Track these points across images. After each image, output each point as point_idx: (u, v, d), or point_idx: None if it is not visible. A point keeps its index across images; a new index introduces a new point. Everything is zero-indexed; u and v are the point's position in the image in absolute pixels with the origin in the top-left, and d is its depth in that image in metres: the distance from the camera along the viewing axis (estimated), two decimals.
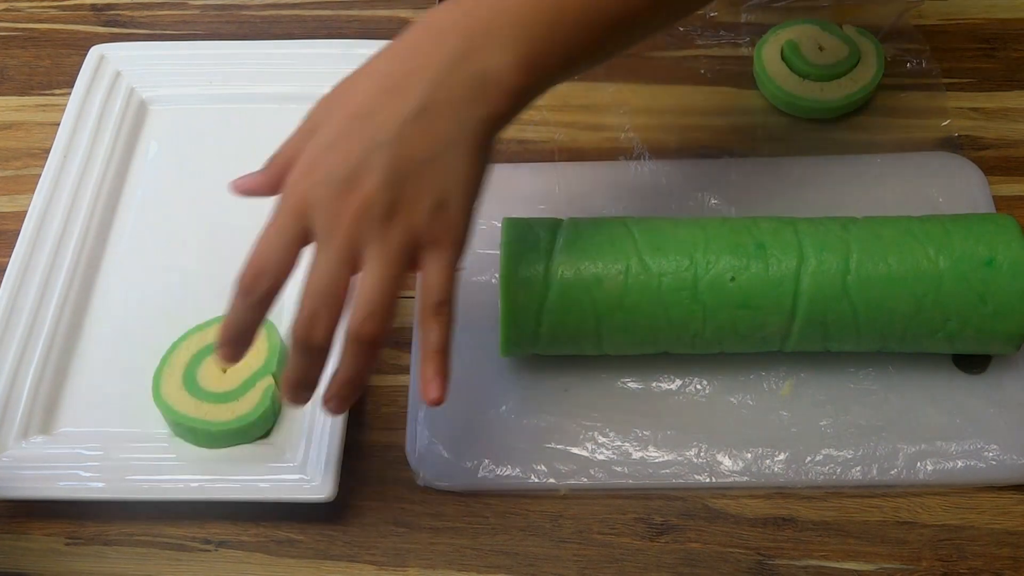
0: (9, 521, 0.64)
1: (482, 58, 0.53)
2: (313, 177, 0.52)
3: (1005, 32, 0.82)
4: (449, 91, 0.52)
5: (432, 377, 0.54)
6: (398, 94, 0.52)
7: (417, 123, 0.52)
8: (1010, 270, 0.60)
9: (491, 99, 0.53)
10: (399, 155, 0.52)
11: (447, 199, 0.53)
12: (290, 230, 0.53)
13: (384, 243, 0.52)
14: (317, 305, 0.52)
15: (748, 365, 0.66)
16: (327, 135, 0.53)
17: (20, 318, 0.69)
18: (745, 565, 0.61)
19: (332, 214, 0.52)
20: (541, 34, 0.54)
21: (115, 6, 0.89)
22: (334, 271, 0.52)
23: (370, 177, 0.51)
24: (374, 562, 0.62)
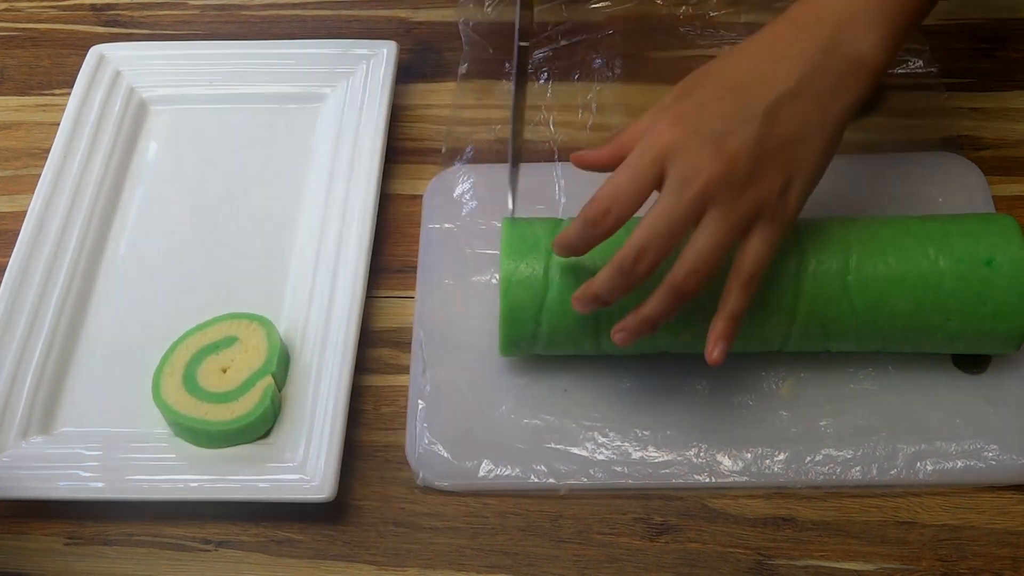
0: (9, 521, 0.64)
1: (849, 45, 0.56)
2: (682, 128, 0.55)
3: (1005, 32, 0.82)
4: (820, 79, 0.55)
5: (718, 339, 0.57)
6: (772, 75, 0.56)
7: (787, 104, 0.55)
8: (1010, 270, 0.60)
9: (856, 85, 0.56)
10: (767, 130, 0.55)
11: (794, 182, 0.56)
12: (647, 173, 0.55)
13: (732, 208, 0.54)
14: (650, 240, 0.55)
15: (748, 365, 0.66)
16: (698, 97, 0.56)
17: (20, 318, 0.69)
18: (745, 565, 0.61)
19: (693, 166, 0.54)
20: (900, 9, 0.56)
21: (115, 6, 0.89)
22: (677, 217, 0.54)
23: (737, 142, 0.54)
24: (374, 562, 0.62)
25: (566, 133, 0.78)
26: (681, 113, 0.56)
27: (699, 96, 0.57)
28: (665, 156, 0.55)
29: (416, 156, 0.78)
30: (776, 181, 0.55)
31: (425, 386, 0.66)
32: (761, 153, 0.55)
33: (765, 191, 0.55)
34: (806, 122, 0.56)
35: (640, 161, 0.55)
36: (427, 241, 0.73)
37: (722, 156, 0.54)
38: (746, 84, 0.56)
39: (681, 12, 0.84)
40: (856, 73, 0.56)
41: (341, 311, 0.68)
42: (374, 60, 0.80)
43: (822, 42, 0.56)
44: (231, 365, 0.65)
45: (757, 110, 0.55)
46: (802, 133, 0.56)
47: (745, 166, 0.54)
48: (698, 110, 0.56)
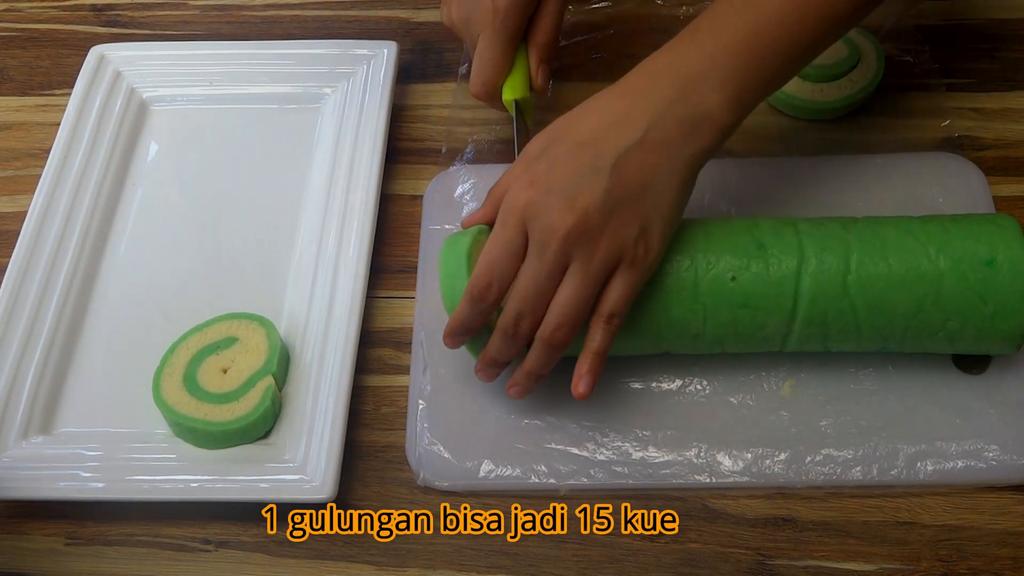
0: (9, 521, 0.64)
1: (695, 100, 0.58)
2: (535, 190, 0.58)
3: (1005, 32, 0.82)
4: (665, 130, 0.58)
5: (584, 374, 0.59)
6: (619, 128, 0.58)
7: (635, 154, 0.58)
8: (1010, 270, 0.60)
9: (702, 137, 0.59)
10: (616, 181, 0.57)
11: (650, 227, 0.58)
12: (513, 240, 0.58)
13: (590, 260, 0.57)
14: (524, 308, 0.58)
15: (748, 365, 0.66)
16: (551, 157, 0.59)
17: (20, 318, 0.69)
18: (745, 565, 0.61)
19: (548, 226, 0.57)
20: (746, 73, 0.59)
21: (115, 6, 0.89)
22: (542, 279, 0.58)
23: (587, 197, 0.57)
24: (374, 562, 0.62)
25: None
26: (534, 176, 0.58)
27: (552, 155, 0.59)
28: (524, 219, 0.58)
29: (416, 156, 0.78)
30: (631, 229, 0.58)
31: (425, 386, 0.66)
32: (612, 205, 0.57)
33: (621, 240, 0.57)
34: (655, 170, 0.58)
35: (504, 230, 0.58)
36: (427, 241, 0.73)
37: (574, 212, 0.57)
38: (595, 139, 0.58)
39: (681, 12, 0.84)
40: (701, 126, 0.59)
41: (341, 311, 0.68)
42: (374, 60, 0.80)
43: (671, 95, 0.58)
44: (231, 365, 0.65)
45: (605, 163, 0.57)
46: (652, 181, 0.58)
47: (597, 219, 0.57)
48: (549, 170, 0.58)
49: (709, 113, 0.59)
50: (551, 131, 0.60)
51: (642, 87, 0.59)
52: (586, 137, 0.59)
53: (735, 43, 0.59)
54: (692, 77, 0.59)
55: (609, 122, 0.59)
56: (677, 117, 0.58)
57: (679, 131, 0.58)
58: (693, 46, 0.60)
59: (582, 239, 0.57)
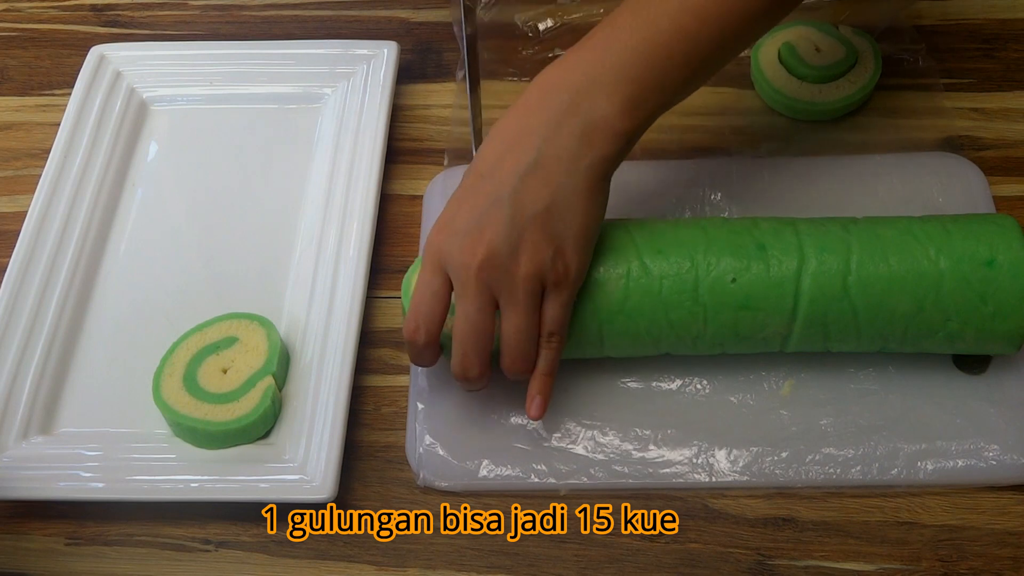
0: (9, 521, 0.64)
1: (587, 109, 0.58)
2: (444, 232, 0.59)
3: (1005, 32, 0.82)
4: (559, 145, 0.58)
5: (535, 395, 0.61)
6: (515, 152, 0.58)
7: (532, 177, 0.58)
8: (1010, 270, 0.60)
9: (598, 145, 0.58)
10: (517, 207, 0.57)
11: (564, 244, 0.58)
12: (435, 283, 0.59)
13: (514, 291, 0.58)
14: (467, 349, 0.59)
15: (748, 365, 0.66)
16: (458, 195, 0.60)
17: (20, 318, 0.69)
18: (745, 565, 0.61)
19: (463, 264, 0.58)
20: (639, 79, 0.58)
21: (115, 6, 0.89)
22: (474, 317, 0.58)
23: (493, 229, 0.57)
24: (374, 562, 0.62)
25: None
26: (444, 220, 0.60)
27: (457, 194, 0.60)
28: (440, 264, 0.59)
29: (416, 156, 0.78)
30: (544, 252, 0.58)
31: (425, 386, 0.66)
32: (518, 233, 0.57)
33: (536, 264, 0.58)
34: (556, 188, 0.58)
35: (425, 275, 0.59)
36: None
37: (481, 247, 0.57)
38: (494, 168, 0.59)
39: None
40: (595, 135, 0.58)
41: (341, 311, 0.68)
42: (374, 60, 0.80)
43: (563, 107, 0.58)
44: (231, 365, 0.65)
45: (505, 192, 0.57)
46: (554, 199, 0.58)
47: (505, 247, 0.57)
48: (456, 210, 0.59)
49: (603, 120, 0.58)
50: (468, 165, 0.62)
51: (535, 103, 0.59)
52: (487, 167, 0.59)
53: (628, 49, 0.58)
54: (584, 86, 0.58)
55: (505, 147, 0.59)
56: (570, 129, 0.58)
57: (573, 143, 0.58)
58: (586, 55, 0.59)
59: (496, 272, 0.57)
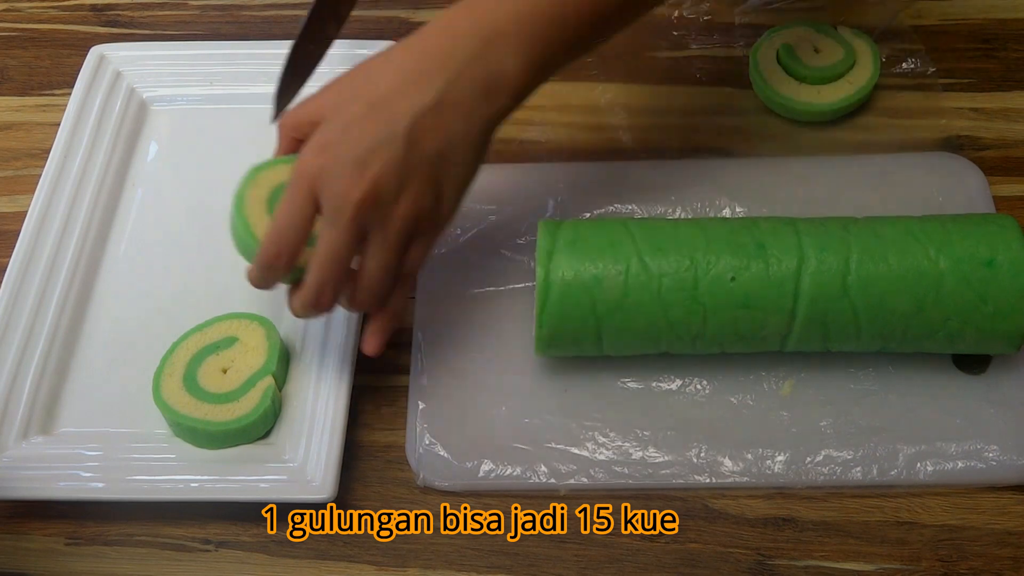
0: (9, 521, 0.64)
1: (494, 60, 0.56)
2: (326, 156, 0.56)
3: (1005, 32, 0.82)
4: (461, 91, 0.56)
5: (377, 332, 0.62)
6: (415, 88, 0.56)
7: (429, 118, 0.56)
8: (1010, 270, 0.60)
9: (498, 99, 0.57)
10: (411, 146, 0.56)
11: (444, 192, 0.58)
12: (303, 207, 0.56)
13: (388, 229, 0.57)
14: (325, 278, 0.57)
15: (748, 365, 0.66)
16: (343, 118, 0.57)
17: (20, 318, 0.69)
18: (745, 565, 0.61)
19: (342, 194, 0.55)
20: (548, 35, 0.57)
21: (115, 6, 0.89)
22: (341, 250, 0.57)
23: (382, 163, 0.55)
24: (374, 562, 0.62)
25: (566, 133, 0.78)
26: (325, 141, 0.56)
27: (344, 117, 0.57)
28: (315, 186, 0.56)
29: None
30: (426, 196, 0.57)
31: (425, 386, 0.66)
32: (406, 173, 0.56)
33: (417, 206, 0.57)
34: (450, 135, 0.56)
35: (294, 197, 0.56)
36: None
37: (366, 181, 0.55)
38: (389, 100, 0.56)
39: (675, 15, 0.84)
40: (497, 88, 0.57)
41: (341, 311, 0.68)
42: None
43: (469, 54, 0.56)
44: (231, 365, 0.65)
45: (399, 129, 0.55)
46: (447, 145, 0.57)
47: (390, 188, 0.56)
48: (341, 134, 0.56)
49: (507, 75, 0.57)
50: (348, 84, 0.59)
51: (440, 45, 0.57)
52: (380, 97, 0.56)
53: (537, 4, 0.57)
54: (492, 36, 0.56)
55: (404, 81, 0.56)
56: (473, 77, 0.56)
57: (475, 93, 0.56)
58: (496, 3, 0.57)
59: (376, 208, 0.56)
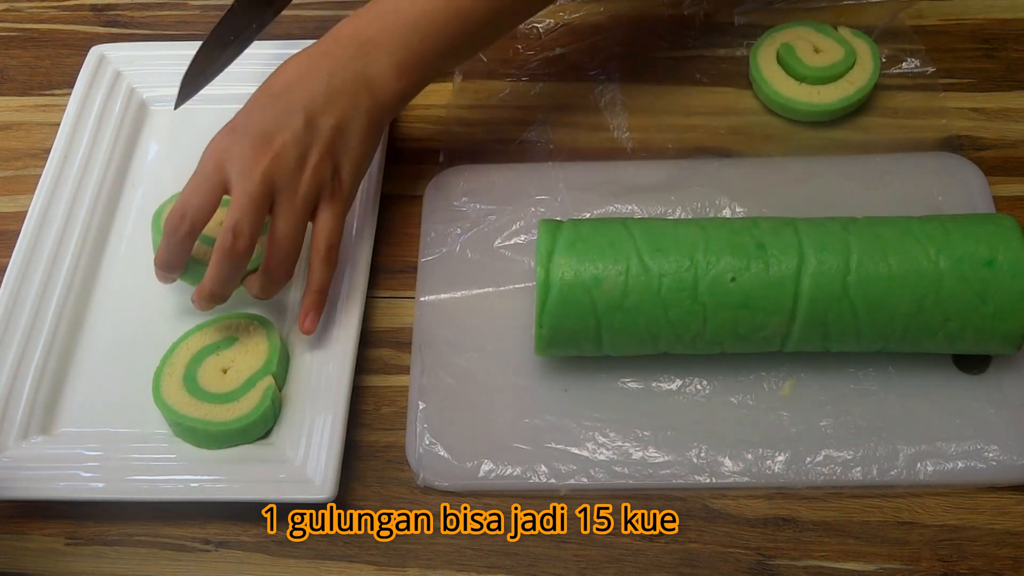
0: (9, 521, 0.64)
1: (369, 61, 0.65)
2: (233, 135, 0.64)
3: (1005, 32, 0.82)
4: (344, 82, 0.65)
5: (308, 311, 0.66)
6: (307, 79, 0.65)
7: (322, 101, 0.64)
8: (1010, 270, 0.60)
9: (378, 94, 0.66)
10: (308, 123, 0.64)
11: (343, 164, 0.65)
12: (211, 177, 0.63)
13: (294, 193, 0.63)
14: (241, 216, 0.62)
15: (748, 365, 0.66)
16: (248, 108, 0.65)
17: (20, 318, 0.69)
18: (745, 565, 0.61)
19: (249, 162, 0.62)
20: (415, 45, 0.66)
21: (115, 6, 0.89)
22: (255, 195, 0.62)
23: (285, 134, 0.63)
24: (374, 562, 0.62)
25: (566, 133, 0.78)
26: (232, 124, 0.65)
27: (248, 106, 0.66)
28: (223, 160, 0.63)
29: (416, 156, 0.78)
30: (326, 167, 0.64)
31: (425, 386, 0.66)
32: (307, 144, 0.64)
33: (319, 177, 0.64)
34: (341, 116, 0.65)
35: (203, 168, 0.63)
36: (427, 241, 0.73)
37: (271, 150, 0.63)
38: (287, 90, 0.65)
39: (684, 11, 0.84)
40: (375, 84, 0.66)
41: (341, 311, 0.68)
42: None
43: (350, 55, 0.65)
44: (231, 365, 0.65)
45: (298, 107, 0.64)
46: (339, 125, 0.65)
47: (293, 155, 0.63)
48: (246, 117, 0.65)
49: (381, 74, 0.66)
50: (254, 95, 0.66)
51: (326, 49, 0.66)
52: (279, 89, 0.65)
53: (408, 17, 0.66)
54: (367, 42, 0.66)
55: (298, 75, 0.65)
56: (355, 72, 0.65)
57: (356, 85, 0.65)
58: (372, 17, 0.67)
59: (283, 171, 0.63)
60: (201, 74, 0.74)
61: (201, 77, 0.74)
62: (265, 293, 0.66)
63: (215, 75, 0.74)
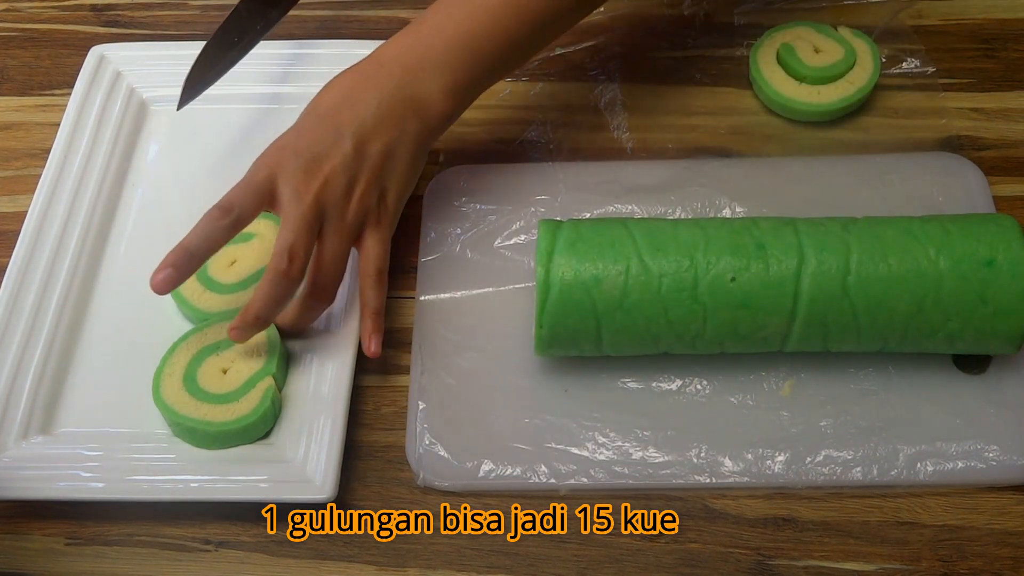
0: (9, 521, 0.64)
1: (416, 86, 0.65)
2: (284, 153, 0.64)
3: (1005, 32, 0.82)
4: (392, 108, 0.65)
5: (372, 333, 0.65)
6: (356, 103, 0.65)
7: (371, 125, 0.64)
8: (1010, 270, 0.60)
9: (425, 118, 0.66)
10: (359, 146, 0.64)
11: (389, 188, 0.66)
12: (262, 188, 0.63)
13: (341, 220, 0.63)
14: (295, 238, 0.62)
15: (748, 365, 0.66)
16: (297, 128, 0.65)
17: (20, 318, 0.69)
18: (745, 565, 0.61)
19: (300, 184, 0.62)
20: (463, 66, 0.66)
21: (115, 6, 0.89)
22: (309, 218, 0.62)
23: (335, 159, 0.63)
24: (374, 562, 0.62)
25: (566, 133, 0.78)
26: (282, 142, 0.65)
27: (298, 125, 0.65)
28: (275, 176, 0.63)
29: None
30: (372, 192, 0.64)
31: (425, 386, 0.66)
32: (355, 170, 0.64)
33: (366, 201, 0.64)
34: (389, 141, 0.65)
35: (254, 176, 0.63)
36: (427, 241, 0.73)
37: (324, 172, 0.63)
38: (335, 111, 0.65)
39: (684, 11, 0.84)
40: (422, 109, 0.66)
41: (341, 311, 0.68)
42: None
43: (396, 80, 0.65)
44: (231, 366, 0.65)
45: (346, 131, 0.64)
46: (387, 151, 0.65)
47: (342, 181, 0.63)
48: (297, 138, 0.64)
49: (429, 98, 0.66)
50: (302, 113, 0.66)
51: (372, 71, 0.66)
52: (326, 110, 0.65)
53: (452, 38, 0.66)
54: (413, 65, 0.65)
55: (345, 98, 0.65)
56: (402, 97, 0.65)
57: (405, 110, 0.65)
58: (415, 39, 0.66)
59: (332, 197, 0.63)
60: (204, 75, 0.74)
61: (204, 78, 0.74)
62: (305, 320, 0.66)
63: (219, 76, 0.74)
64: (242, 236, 0.68)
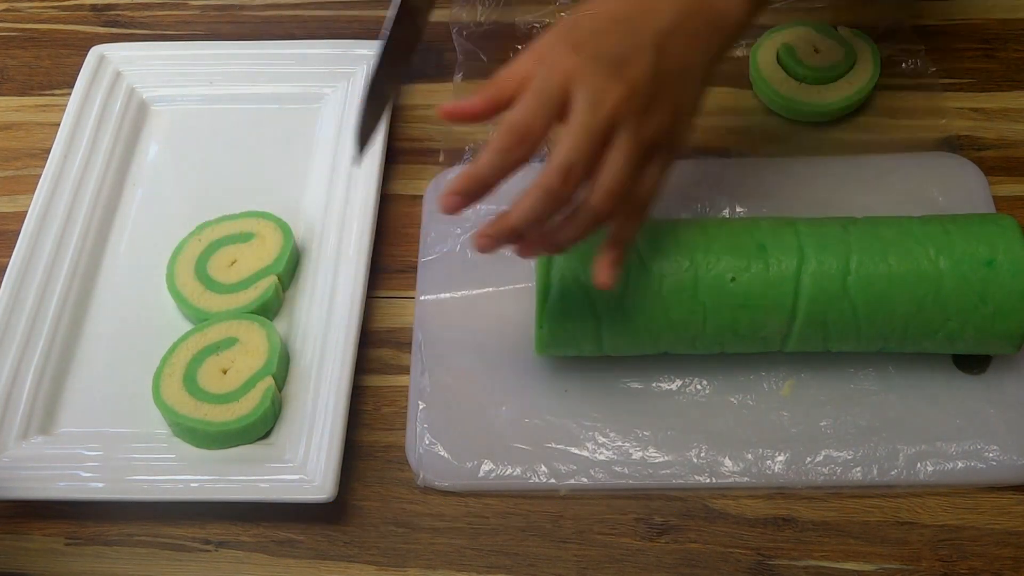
0: (9, 521, 0.64)
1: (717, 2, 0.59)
2: (581, 55, 0.55)
3: (1005, 32, 0.82)
4: (692, 22, 0.58)
5: (610, 264, 0.58)
6: (652, 13, 0.57)
7: (670, 39, 0.57)
8: (1010, 270, 0.60)
9: (723, 34, 0.60)
10: (660, 59, 0.56)
11: (682, 114, 0.59)
12: (555, 97, 0.54)
13: (638, 132, 0.55)
14: (576, 157, 0.54)
15: (748, 365, 0.66)
16: (588, 27, 0.57)
17: (20, 318, 0.69)
18: (745, 565, 0.61)
19: (599, 90, 0.54)
20: None
21: (115, 6, 0.89)
22: (596, 134, 0.54)
23: (638, 68, 0.55)
24: (374, 562, 0.62)
25: None
26: (577, 41, 0.56)
27: (589, 26, 0.57)
28: (569, 81, 0.54)
29: (416, 156, 0.78)
30: (669, 112, 0.57)
31: (425, 386, 0.66)
32: (658, 80, 0.56)
33: (664, 118, 0.57)
34: (688, 59, 0.58)
35: (546, 85, 0.54)
36: (427, 241, 0.73)
37: (626, 81, 0.55)
38: (630, 18, 0.57)
39: None
40: (721, 23, 0.59)
41: (341, 311, 0.68)
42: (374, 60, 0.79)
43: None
44: (231, 366, 0.65)
45: (646, 41, 0.56)
46: (685, 68, 0.58)
47: (648, 90, 0.56)
48: (592, 38, 0.56)
49: (728, 11, 0.59)
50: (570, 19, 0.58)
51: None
52: (621, 14, 0.57)
53: None
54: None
55: (639, 7, 0.58)
56: (701, 11, 0.58)
57: (702, 25, 0.58)
58: None
59: (632, 109, 0.55)
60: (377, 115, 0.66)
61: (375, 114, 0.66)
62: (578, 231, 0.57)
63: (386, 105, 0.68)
64: (242, 236, 0.68)
